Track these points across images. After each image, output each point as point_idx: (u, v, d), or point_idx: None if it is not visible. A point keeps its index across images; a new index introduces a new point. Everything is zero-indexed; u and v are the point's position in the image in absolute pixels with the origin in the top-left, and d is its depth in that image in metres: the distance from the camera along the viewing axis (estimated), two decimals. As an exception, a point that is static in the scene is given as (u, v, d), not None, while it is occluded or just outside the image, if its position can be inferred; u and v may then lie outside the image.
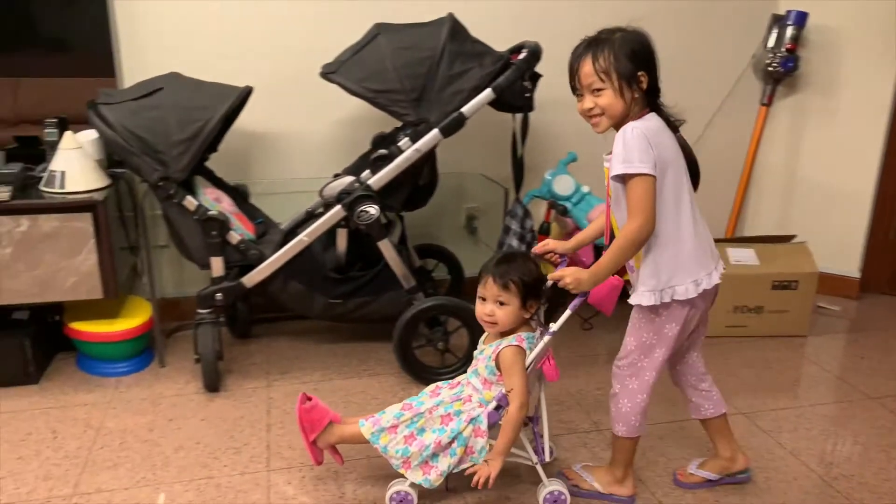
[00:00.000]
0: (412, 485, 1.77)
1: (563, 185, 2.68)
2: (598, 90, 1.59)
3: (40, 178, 2.36)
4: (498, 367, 1.74)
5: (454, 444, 1.74)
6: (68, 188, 2.27)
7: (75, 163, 2.30)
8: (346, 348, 2.69)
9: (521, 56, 2.26)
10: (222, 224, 2.29)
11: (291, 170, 2.86)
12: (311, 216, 2.68)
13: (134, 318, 2.51)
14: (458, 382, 1.86)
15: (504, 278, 1.72)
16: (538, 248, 1.85)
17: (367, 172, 2.31)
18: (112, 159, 2.52)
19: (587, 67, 1.59)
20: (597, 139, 1.74)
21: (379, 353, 2.63)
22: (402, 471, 1.76)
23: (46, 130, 2.46)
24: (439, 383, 1.89)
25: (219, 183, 2.57)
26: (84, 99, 2.32)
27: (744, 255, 2.85)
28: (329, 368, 2.54)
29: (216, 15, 2.63)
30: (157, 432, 2.14)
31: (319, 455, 1.86)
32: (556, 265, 1.84)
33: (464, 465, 1.75)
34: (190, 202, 2.24)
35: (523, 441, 1.82)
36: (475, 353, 1.85)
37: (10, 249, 2.20)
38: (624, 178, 1.58)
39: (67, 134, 2.33)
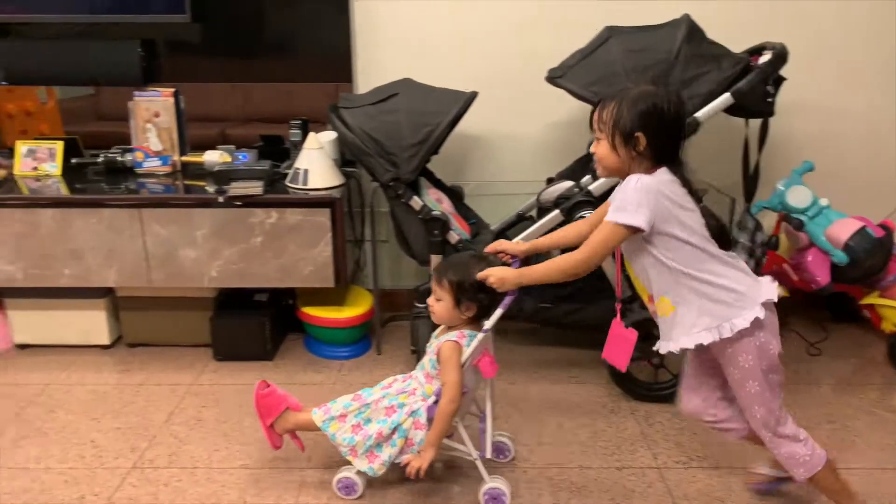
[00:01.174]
0: (358, 472, 1.86)
1: (798, 197, 2.47)
2: (598, 139, 1.61)
3: (285, 174, 2.60)
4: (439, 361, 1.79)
5: (395, 435, 1.80)
6: (310, 185, 2.48)
7: (317, 162, 2.51)
8: (552, 352, 2.69)
9: (764, 58, 2.11)
10: (444, 224, 2.38)
11: (502, 172, 2.91)
12: (521, 218, 2.71)
13: (357, 307, 2.69)
14: (410, 376, 1.91)
15: (440, 275, 1.82)
16: (490, 247, 1.87)
17: (587, 178, 2.28)
18: (344, 158, 2.72)
19: (596, 113, 1.61)
20: (836, 148, 1.58)
21: (585, 361, 2.59)
22: (349, 458, 1.84)
23: (291, 131, 2.72)
24: (397, 376, 1.94)
25: (438, 184, 2.68)
26: (319, 102, 2.53)
27: None
28: (534, 371, 2.56)
29: (445, 21, 2.74)
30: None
31: (277, 440, 1.96)
32: (508, 266, 1.81)
33: (405, 456, 1.79)
34: (416, 202, 2.35)
35: (463, 437, 1.85)
36: (427, 346, 1.87)
37: (261, 238, 2.45)
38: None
39: (311, 135, 2.55)
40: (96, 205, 2.41)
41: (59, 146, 2.71)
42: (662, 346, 1.68)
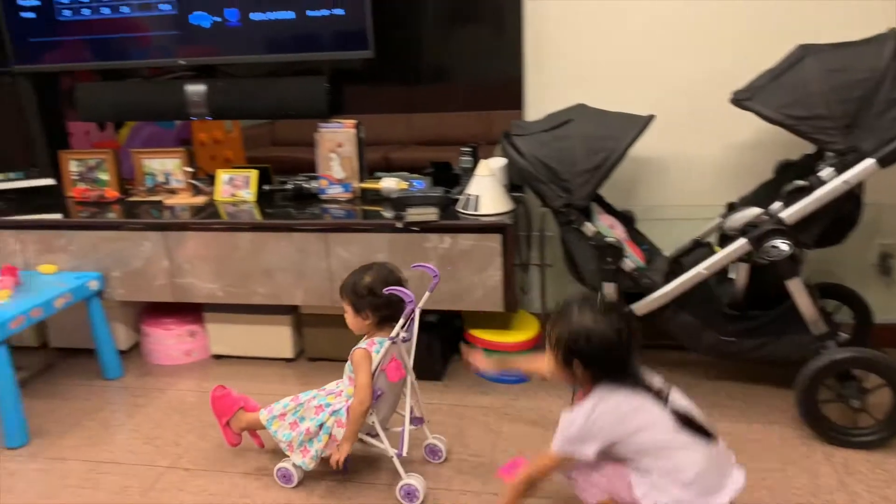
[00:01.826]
0: (294, 465, 2.07)
1: None
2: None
3: (455, 199, 2.68)
4: None
5: (321, 432, 2.02)
6: (481, 210, 2.53)
7: (488, 188, 2.56)
8: (733, 388, 2.54)
9: None
10: (617, 251, 2.33)
11: (675, 195, 2.81)
12: (697, 245, 2.61)
13: (524, 332, 2.70)
14: (341, 380, 2.11)
15: (340, 289, 2.06)
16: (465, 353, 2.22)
17: (778, 204, 2.15)
18: (513, 183, 2.76)
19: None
20: None
21: (771, 399, 2.43)
22: (287, 453, 2.07)
23: (462, 158, 2.80)
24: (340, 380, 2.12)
25: (609, 209, 2.64)
26: (482, 126, 2.58)
27: None
28: (714, 407, 2.43)
29: (619, 44, 2.70)
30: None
31: (233, 437, 2.22)
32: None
33: (328, 449, 2.00)
34: (588, 228, 2.33)
35: (381, 435, 2.03)
36: None
37: (435, 262, 2.52)
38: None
39: (483, 162, 2.60)
40: (288, 229, 2.61)
41: (253, 174, 2.97)
42: None
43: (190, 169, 3.04)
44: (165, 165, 3.09)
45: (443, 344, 2.75)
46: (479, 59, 2.84)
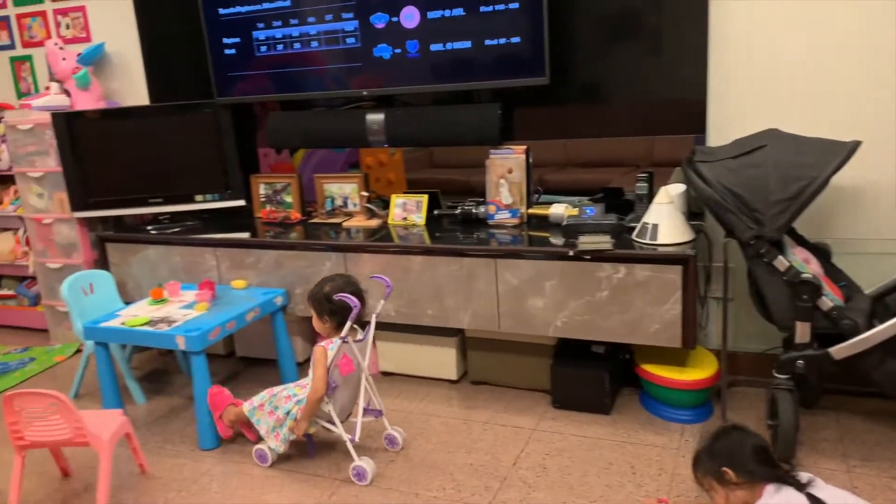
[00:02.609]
0: (269, 447, 2.43)
1: None
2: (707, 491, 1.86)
3: (629, 227, 2.60)
4: None
5: (287, 418, 2.37)
6: (660, 240, 2.43)
7: (667, 216, 2.45)
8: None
9: None
10: (815, 288, 2.14)
11: (875, 228, 2.55)
12: (905, 283, 2.34)
13: (701, 369, 2.55)
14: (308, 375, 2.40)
15: (308, 295, 2.41)
16: None
17: None
18: (691, 211, 2.63)
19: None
20: None
21: None
22: (264, 437, 2.42)
23: (638, 185, 2.70)
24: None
25: (801, 241, 2.44)
26: (649, 152, 2.47)
27: None
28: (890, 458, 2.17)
29: (813, 65, 2.51)
30: None
31: (225, 430, 2.57)
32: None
33: (294, 434, 2.36)
34: (781, 262, 2.16)
35: (337, 423, 2.33)
36: None
37: (607, 293, 2.46)
38: None
39: (663, 189, 2.50)
40: (458, 254, 2.64)
41: (424, 199, 3.05)
42: None
43: (365, 193, 3.18)
44: (343, 189, 3.26)
45: (612, 376, 2.66)
46: (657, 82, 2.74)
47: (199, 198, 3.36)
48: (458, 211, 3.01)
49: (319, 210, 3.30)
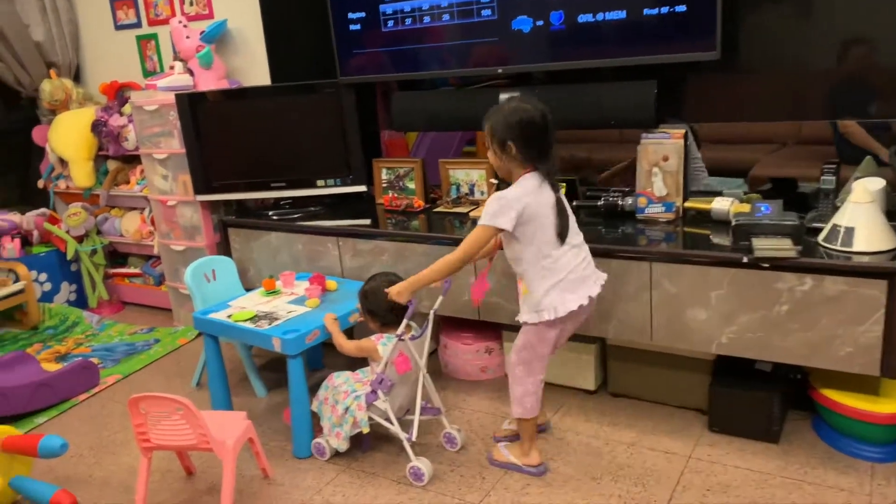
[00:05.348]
0: (328, 442, 2.38)
1: None
2: (488, 148, 2.11)
3: (812, 229, 2.21)
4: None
5: (346, 415, 2.30)
6: (856, 247, 2.04)
7: (865, 218, 2.06)
8: None
9: None
10: None
11: None
12: None
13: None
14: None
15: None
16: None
17: None
18: (890, 211, 2.20)
19: (484, 129, 2.09)
20: None
21: None
22: (326, 433, 2.37)
23: (824, 177, 2.30)
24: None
25: None
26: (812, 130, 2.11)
27: None
28: None
29: None
30: None
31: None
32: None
33: (356, 430, 2.29)
34: None
35: (394, 421, 2.27)
36: None
37: (787, 307, 2.09)
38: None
39: (859, 184, 2.10)
40: (605, 254, 2.34)
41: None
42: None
43: (494, 181, 2.92)
44: (470, 176, 3.01)
45: (780, 399, 2.29)
46: (854, 56, 2.31)
47: (320, 182, 3.22)
48: (600, 202, 2.69)
49: (444, 198, 3.08)
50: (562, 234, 2.06)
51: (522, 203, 2.01)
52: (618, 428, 2.46)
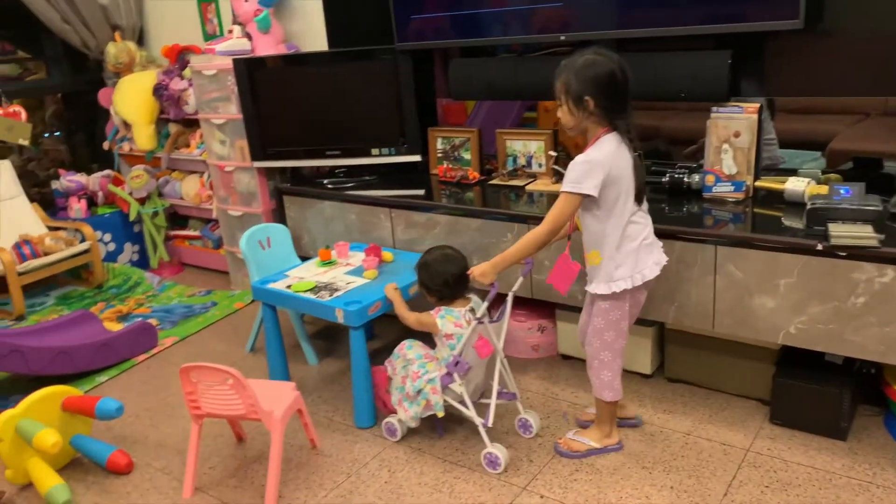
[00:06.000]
0: (399, 420, 2.31)
1: None
2: (559, 105, 1.95)
3: (893, 213, 2.04)
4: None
5: (418, 397, 2.23)
6: (946, 237, 1.87)
7: (960, 206, 1.88)
8: None
9: None
10: None
11: None
12: None
13: (984, 403, 1.99)
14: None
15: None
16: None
17: None
18: None
19: (555, 85, 1.95)
20: None
21: None
22: (396, 407, 2.30)
23: (912, 158, 2.12)
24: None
25: None
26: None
27: None
28: None
29: None
30: None
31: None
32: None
33: (428, 412, 2.23)
34: None
35: (469, 405, 2.19)
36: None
37: (864, 299, 1.95)
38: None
39: (955, 169, 1.92)
40: (668, 235, 2.22)
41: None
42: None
43: (553, 153, 2.82)
44: (528, 147, 2.91)
45: (850, 394, 2.16)
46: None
47: (374, 151, 3.17)
48: (664, 179, 2.56)
49: (500, 170, 2.99)
50: (639, 197, 1.97)
51: (608, 167, 1.89)
52: (673, 415, 2.37)
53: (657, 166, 2.63)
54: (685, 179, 2.51)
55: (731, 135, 2.38)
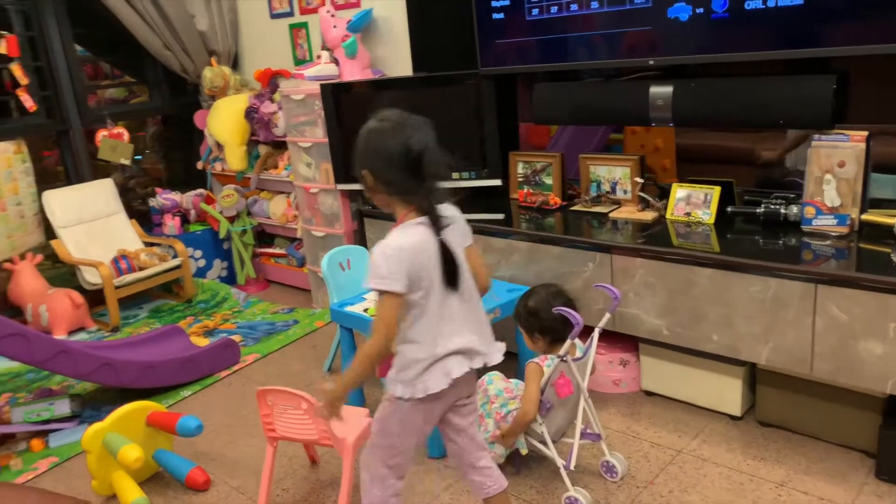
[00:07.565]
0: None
1: None
2: None
3: None
4: None
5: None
6: None
7: None
8: None
9: None
10: None
11: None
12: None
13: None
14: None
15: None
16: None
17: None
18: None
19: None
20: None
21: None
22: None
23: None
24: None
25: None
26: None
27: None
28: None
29: None
30: None
31: None
32: None
33: (511, 450, 2.19)
34: None
35: (550, 446, 2.08)
36: None
37: None
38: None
39: None
40: (764, 271, 2.09)
41: (715, 192, 2.51)
42: None
43: (640, 180, 2.72)
44: (613, 173, 2.82)
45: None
46: None
47: (455, 175, 3.15)
48: (759, 210, 2.42)
49: (583, 196, 2.91)
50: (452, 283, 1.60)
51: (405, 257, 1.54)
52: (765, 463, 2.21)
53: (752, 196, 2.50)
54: (782, 211, 2.37)
55: (835, 164, 2.22)
